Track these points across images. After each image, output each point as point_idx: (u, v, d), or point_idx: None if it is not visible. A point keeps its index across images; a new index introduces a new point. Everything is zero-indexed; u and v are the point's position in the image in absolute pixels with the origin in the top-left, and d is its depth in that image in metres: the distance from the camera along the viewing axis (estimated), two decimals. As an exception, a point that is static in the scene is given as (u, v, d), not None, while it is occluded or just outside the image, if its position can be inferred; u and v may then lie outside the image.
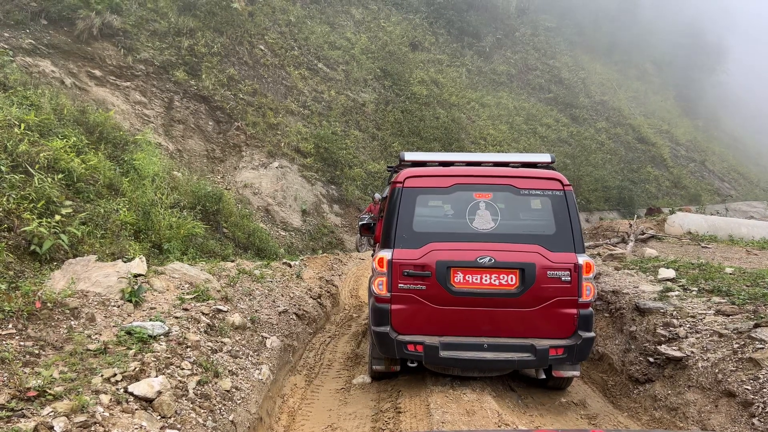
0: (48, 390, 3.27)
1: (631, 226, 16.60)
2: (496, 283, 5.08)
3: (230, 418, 4.04)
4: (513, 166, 5.65)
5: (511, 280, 5.07)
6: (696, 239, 14.52)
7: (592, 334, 5.14)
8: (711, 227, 16.03)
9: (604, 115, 38.10)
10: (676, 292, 6.71)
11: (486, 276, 5.09)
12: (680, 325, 5.68)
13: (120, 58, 14.94)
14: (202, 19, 17.94)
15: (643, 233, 15.49)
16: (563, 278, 5.05)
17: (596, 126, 36.12)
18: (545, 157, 5.69)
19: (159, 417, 3.51)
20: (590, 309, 5.16)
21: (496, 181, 5.35)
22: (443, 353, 4.96)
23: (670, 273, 7.68)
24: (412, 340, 5.05)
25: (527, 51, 38.78)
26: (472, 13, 36.40)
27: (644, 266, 8.65)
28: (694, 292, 6.69)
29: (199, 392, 4.00)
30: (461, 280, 5.09)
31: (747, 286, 6.66)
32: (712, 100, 55.03)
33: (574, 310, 5.08)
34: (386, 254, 5.16)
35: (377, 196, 16.30)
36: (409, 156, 5.82)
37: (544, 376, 5.52)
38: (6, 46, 12.00)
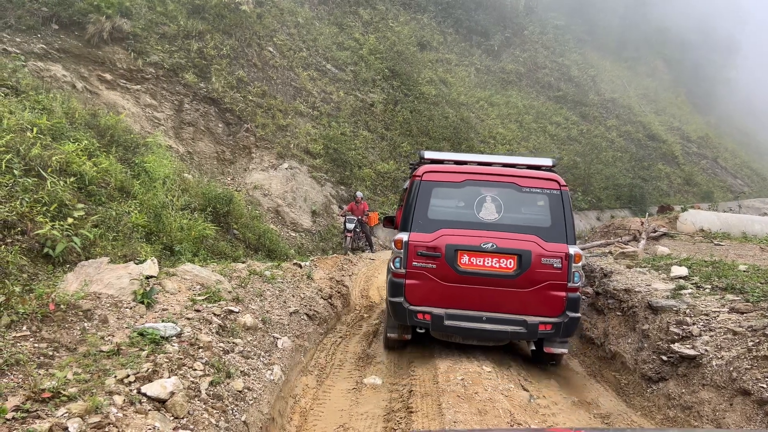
0: (62, 391, 3.29)
1: (642, 224, 16.46)
2: (497, 265, 5.85)
3: (242, 418, 4.05)
4: (518, 168, 6.37)
5: (510, 264, 5.83)
6: (709, 236, 14.40)
7: (579, 314, 5.91)
8: (724, 224, 15.88)
9: (614, 113, 37.89)
10: (689, 290, 6.65)
11: (488, 259, 5.86)
12: (694, 323, 5.63)
13: (130, 62, 15.04)
14: (211, 22, 18.02)
15: (655, 231, 15.37)
16: (555, 265, 5.79)
17: (606, 124, 35.92)
18: (547, 161, 6.54)
19: (172, 417, 3.53)
20: (578, 293, 5.90)
21: (502, 179, 6.15)
22: (447, 322, 5.81)
23: (683, 271, 7.61)
24: (421, 310, 5.89)
25: (536, 49, 38.63)
26: (481, 12, 36.33)
27: (656, 264, 8.58)
28: (707, 290, 6.63)
29: (211, 393, 4.02)
30: (467, 262, 5.88)
31: (761, 283, 6.58)
32: (722, 96, 54.61)
33: (563, 293, 5.80)
34: (404, 236, 6.01)
35: (359, 194, 16.25)
36: (429, 154, 6.70)
37: (534, 348, 6.20)
38: (18, 51, 12.12)
